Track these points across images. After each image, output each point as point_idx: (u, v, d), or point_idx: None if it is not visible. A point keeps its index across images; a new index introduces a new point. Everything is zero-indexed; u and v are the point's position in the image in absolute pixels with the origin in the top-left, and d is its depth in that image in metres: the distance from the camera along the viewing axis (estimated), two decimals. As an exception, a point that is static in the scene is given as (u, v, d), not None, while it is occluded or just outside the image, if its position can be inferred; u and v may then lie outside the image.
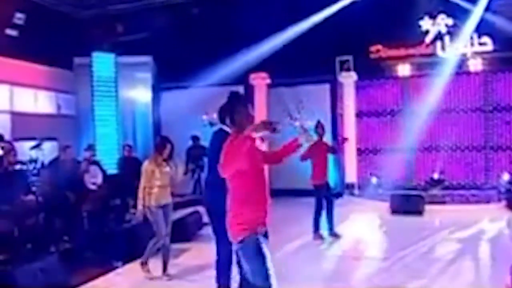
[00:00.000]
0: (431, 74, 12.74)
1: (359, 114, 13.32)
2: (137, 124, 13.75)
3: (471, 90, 12.47)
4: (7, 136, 9.17)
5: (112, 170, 10.56)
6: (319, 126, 7.92)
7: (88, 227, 7.37)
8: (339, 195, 11.95)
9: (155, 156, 5.86)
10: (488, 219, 9.31)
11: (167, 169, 5.89)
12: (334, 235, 7.88)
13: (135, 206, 8.11)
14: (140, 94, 13.70)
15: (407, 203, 9.96)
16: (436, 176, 12.10)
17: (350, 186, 12.76)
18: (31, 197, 6.67)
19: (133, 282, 5.92)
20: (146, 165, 5.85)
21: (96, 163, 8.21)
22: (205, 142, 12.20)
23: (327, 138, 11.17)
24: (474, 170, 12.40)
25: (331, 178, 9.88)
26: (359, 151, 13.08)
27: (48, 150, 9.47)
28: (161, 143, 5.94)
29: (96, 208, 7.55)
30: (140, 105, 13.79)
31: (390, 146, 13.08)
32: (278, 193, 12.31)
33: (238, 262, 3.60)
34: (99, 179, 7.79)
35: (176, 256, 6.87)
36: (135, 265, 6.32)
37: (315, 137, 7.78)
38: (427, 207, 10.01)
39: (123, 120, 12.99)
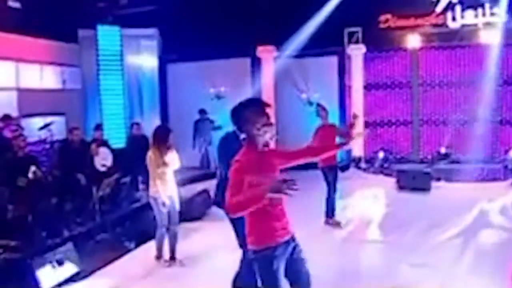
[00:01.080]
0: (440, 46, 12.55)
1: (367, 87, 13.18)
2: (144, 97, 13.66)
3: (482, 62, 12.16)
4: (14, 114, 9.16)
5: (119, 144, 10.56)
6: (320, 110, 7.41)
7: (99, 209, 7.45)
8: (346, 167, 11.98)
9: (158, 147, 5.69)
10: (494, 197, 9.19)
11: (170, 158, 5.76)
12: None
13: (144, 182, 8.22)
14: (146, 63, 13.55)
15: (414, 180, 9.96)
16: (443, 150, 12.09)
17: (356, 160, 12.75)
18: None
19: (145, 266, 6.00)
20: (151, 156, 5.70)
21: (105, 144, 8.23)
22: (212, 116, 12.22)
23: (335, 114, 11.16)
24: (481, 144, 12.32)
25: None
26: (367, 124, 12.97)
27: (56, 127, 9.49)
28: (163, 133, 5.78)
29: (107, 190, 7.63)
30: (147, 77, 13.67)
31: (398, 119, 13.05)
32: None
33: None
34: (109, 161, 7.81)
35: (186, 236, 6.91)
36: (146, 247, 6.45)
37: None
38: (434, 184, 10.03)
39: (129, 93, 12.89)
